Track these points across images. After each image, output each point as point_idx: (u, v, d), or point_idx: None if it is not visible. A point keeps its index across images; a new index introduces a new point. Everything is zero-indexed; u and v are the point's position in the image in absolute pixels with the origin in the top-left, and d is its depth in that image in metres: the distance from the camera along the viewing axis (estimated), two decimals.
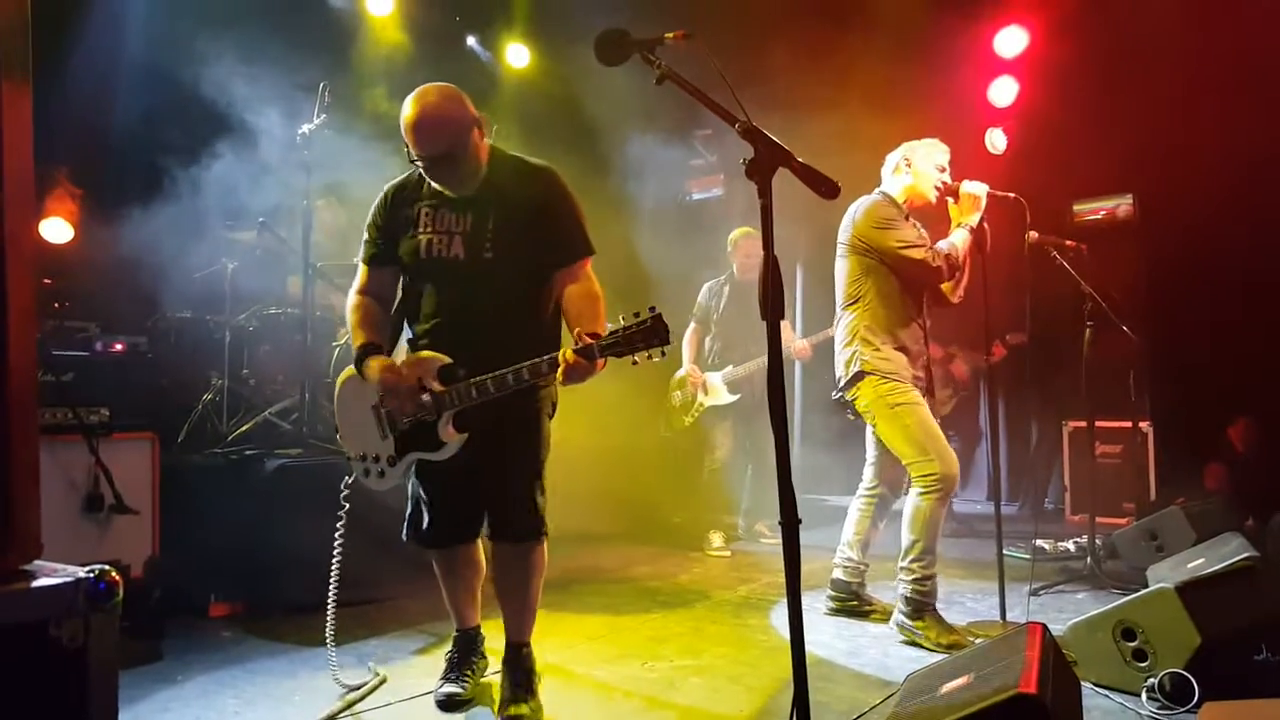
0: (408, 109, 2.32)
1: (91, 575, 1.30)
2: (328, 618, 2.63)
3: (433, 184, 2.41)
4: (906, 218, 3.37)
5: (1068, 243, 4.12)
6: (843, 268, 3.42)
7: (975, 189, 3.34)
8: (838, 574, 3.53)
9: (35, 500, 1.39)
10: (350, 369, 2.50)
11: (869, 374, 3.26)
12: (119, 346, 3.95)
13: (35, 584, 1.29)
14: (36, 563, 1.37)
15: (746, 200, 6.12)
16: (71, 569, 1.33)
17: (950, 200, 3.42)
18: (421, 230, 2.43)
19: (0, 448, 1.33)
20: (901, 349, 3.30)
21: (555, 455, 2.57)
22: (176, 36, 4.62)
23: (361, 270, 2.57)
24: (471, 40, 6.65)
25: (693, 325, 5.29)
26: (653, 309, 2.07)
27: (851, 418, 3.44)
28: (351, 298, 2.55)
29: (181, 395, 4.30)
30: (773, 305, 1.72)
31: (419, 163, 2.34)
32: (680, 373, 5.25)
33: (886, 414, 3.24)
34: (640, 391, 5.62)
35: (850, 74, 5.63)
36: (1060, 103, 5.95)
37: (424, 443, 2.39)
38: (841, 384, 3.37)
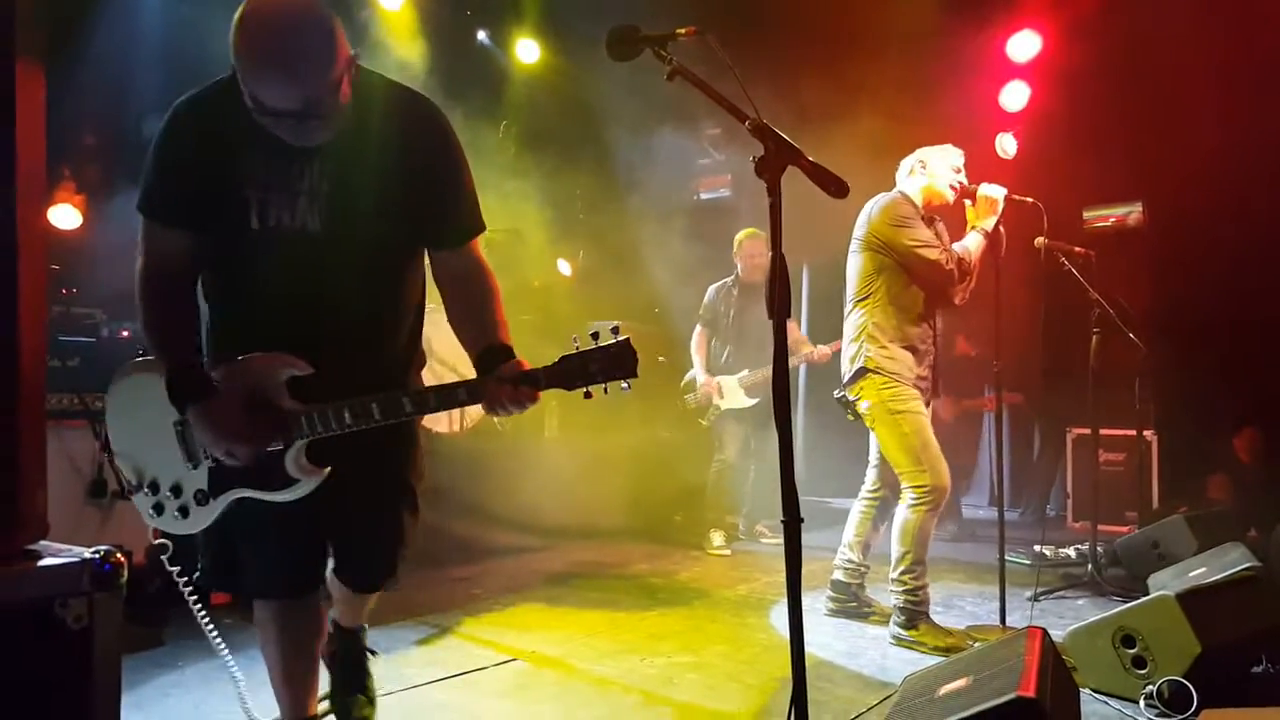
0: (258, 33, 1.56)
1: (97, 556, 1.32)
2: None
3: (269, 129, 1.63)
4: (924, 218, 3.37)
5: (1077, 249, 4.11)
6: (855, 264, 3.41)
7: (993, 192, 3.33)
8: (838, 575, 3.54)
9: (42, 482, 1.41)
10: (135, 364, 1.81)
11: (873, 372, 3.26)
12: (125, 333, 3.97)
13: (41, 563, 1.30)
14: (42, 543, 1.38)
15: (754, 200, 6.12)
16: (77, 549, 1.34)
17: (967, 202, 3.40)
18: (250, 187, 1.67)
19: (9, 430, 1.34)
20: (909, 348, 3.30)
21: (556, 452, 2.46)
22: (189, 24, 4.63)
23: (145, 227, 1.73)
24: (482, 35, 6.66)
25: (700, 328, 5.21)
26: (615, 329, 1.62)
27: (851, 418, 3.43)
28: (145, 278, 1.72)
29: None
30: (779, 304, 1.72)
31: (262, 114, 1.58)
32: (690, 376, 5.21)
33: (886, 419, 3.24)
34: (642, 390, 5.64)
35: (862, 78, 5.63)
36: (1072, 108, 5.94)
37: (258, 478, 1.71)
38: (845, 380, 3.37)
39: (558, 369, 1.62)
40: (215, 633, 2.11)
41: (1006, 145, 6.36)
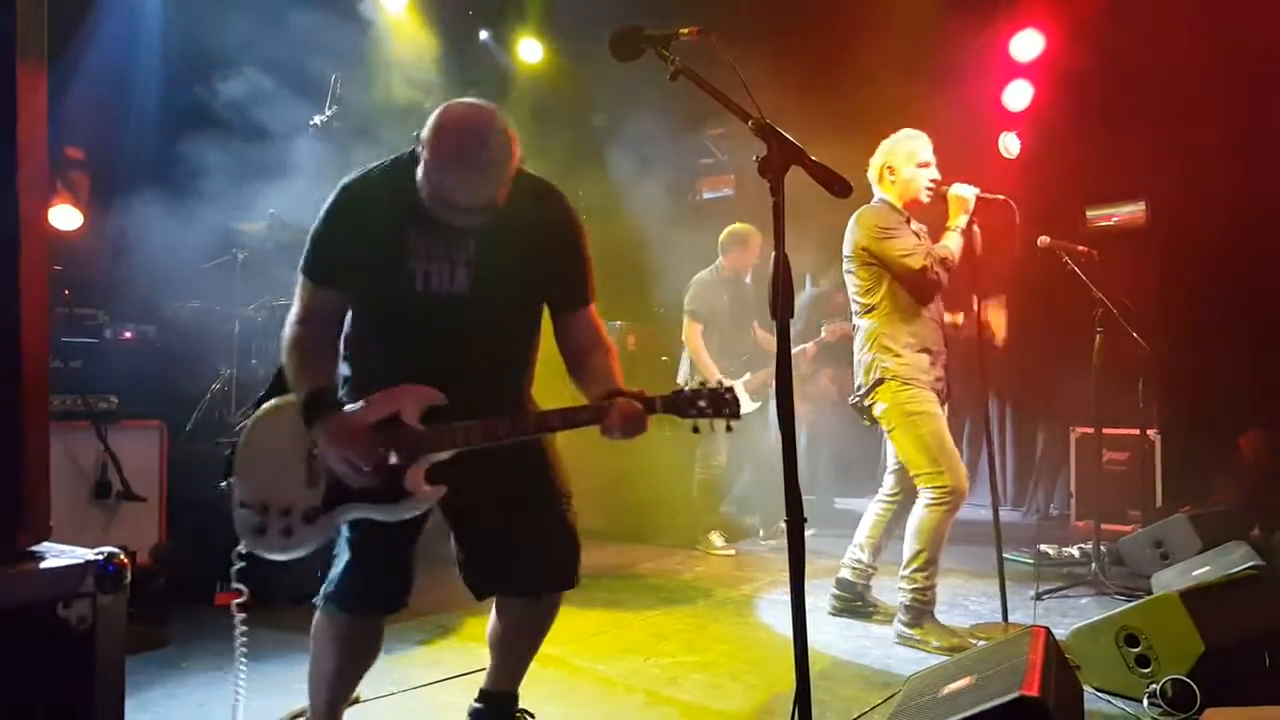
0: (455, 138, 1.81)
1: (100, 557, 1.31)
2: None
3: (427, 206, 1.88)
4: (907, 221, 3.38)
5: (1080, 248, 4.10)
6: (852, 280, 3.43)
7: (963, 192, 3.33)
8: (845, 574, 3.53)
9: (45, 483, 1.40)
10: (278, 401, 1.96)
11: (888, 380, 3.26)
12: (128, 335, 3.98)
13: (44, 565, 1.30)
14: (46, 544, 1.38)
15: (757, 200, 6.11)
16: (81, 551, 1.34)
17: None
18: (416, 259, 1.91)
19: (12, 431, 1.34)
20: (923, 350, 3.30)
21: (564, 454, 2.43)
22: (190, 26, 4.64)
23: (306, 287, 1.95)
24: (484, 35, 6.66)
25: (694, 324, 4.98)
26: (729, 389, 1.93)
27: (868, 424, 3.44)
28: (296, 325, 1.94)
29: (190, 384, 4.32)
30: (782, 305, 1.72)
31: (439, 202, 1.84)
32: (699, 379, 5.09)
33: (903, 422, 3.24)
34: (645, 388, 5.63)
35: (865, 77, 5.62)
36: (1075, 108, 5.92)
37: (374, 496, 1.84)
38: (862, 391, 3.36)
39: (670, 400, 1.91)
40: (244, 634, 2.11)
41: (1010, 145, 6.35)
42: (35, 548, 1.36)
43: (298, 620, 3.25)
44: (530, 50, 6.51)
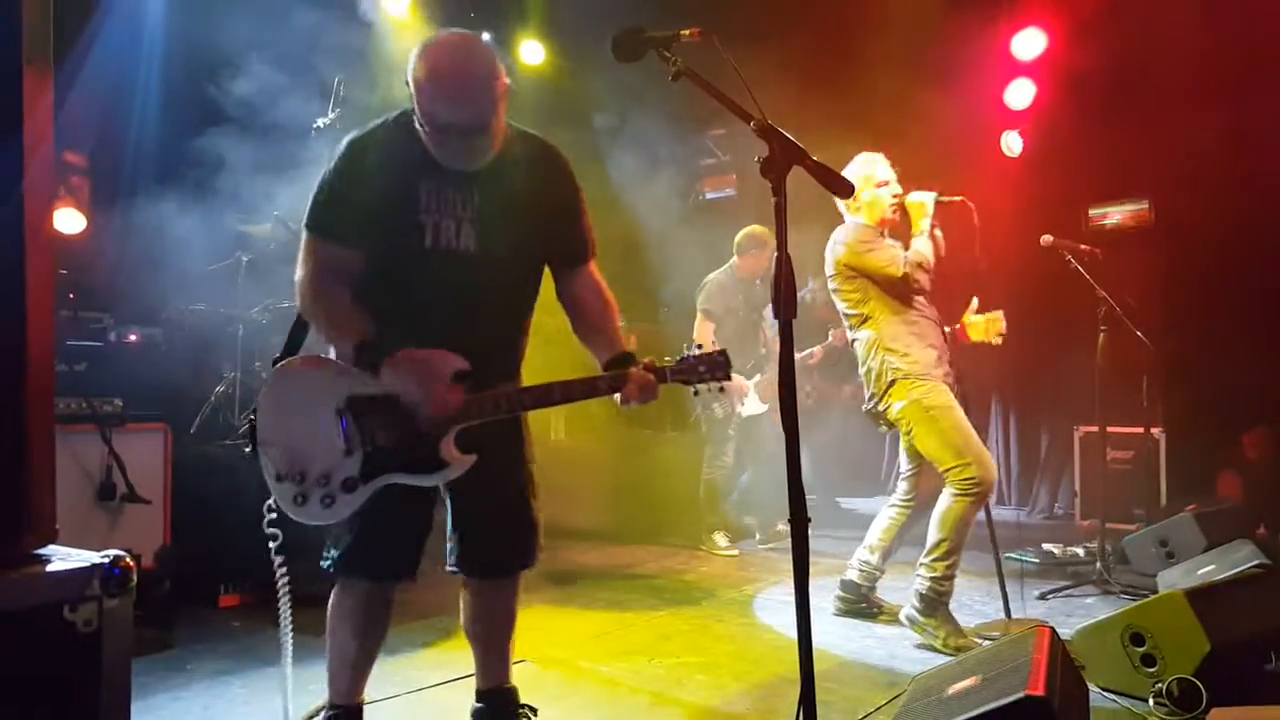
0: (435, 59, 1.86)
1: (106, 560, 1.32)
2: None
3: (439, 158, 1.93)
4: (882, 235, 3.45)
5: (1083, 247, 4.10)
6: (839, 297, 3.48)
7: (917, 198, 3.40)
8: (851, 575, 3.53)
9: (51, 486, 1.41)
10: (293, 363, 1.98)
11: (900, 379, 3.27)
12: (133, 337, 3.99)
13: (50, 568, 1.31)
14: (52, 547, 1.39)
15: (760, 200, 6.12)
16: (87, 554, 1.34)
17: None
18: (424, 211, 1.95)
19: (18, 434, 1.35)
20: (928, 347, 3.33)
21: (563, 454, 2.49)
22: (192, 29, 4.65)
23: (313, 243, 1.96)
24: (486, 36, 6.66)
25: (707, 323, 4.99)
26: (722, 350, 2.01)
27: (884, 429, 3.45)
28: (312, 280, 1.94)
29: (194, 386, 4.34)
30: (786, 304, 1.72)
31: (438, 131, 1.87)
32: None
33: (922, 418, 3.23)
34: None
35: (867, 75, 5.62)
36: (1077, 106, 5.92)
37: (412, 462, 1.90)
38: (875, 397, 3.37)
39: (679, 368, 1.98)
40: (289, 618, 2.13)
41: (1012, 143, 6.35)
42: (41, 551, 1.37)
43: (308, 619, 3.27)
44: (532, 52, 6.52)
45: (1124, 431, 5.22)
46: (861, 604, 3.50)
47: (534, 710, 2.30)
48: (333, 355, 2.00)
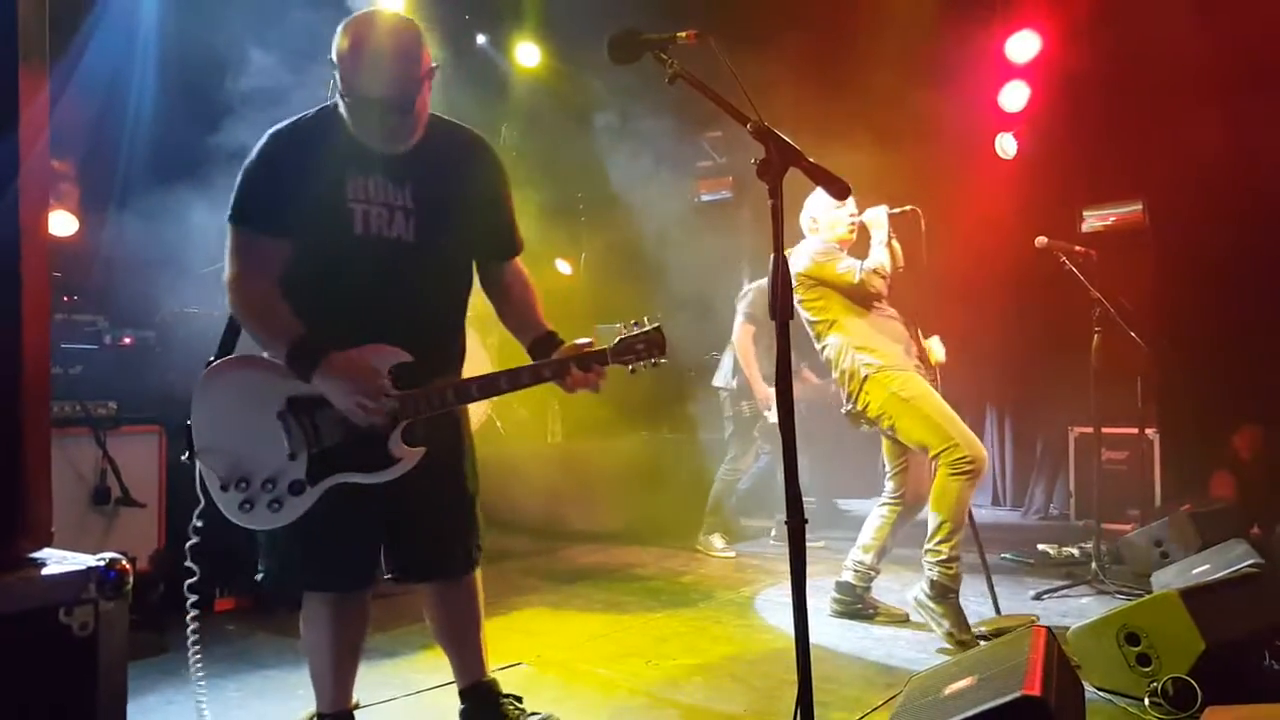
0: (359, 32, 1.86)
1: (102, 564, 1.31)
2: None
3: (356, 137, 1.91)
4: (841, 252, 3.55)
5: (1077, 248, 4.12)
6: (803, 309, 3.56)
7: (871, 214, 3.51)
8: (846, 577, 3.53)
9: (46, 489, 1.40)
10: (229, 358, 1.94)
11: (873, 374, 3.33)
12: (127, 340, 3.96)
13: (46, 571, 1.30)
14: (47, 551, 1.38)
15: (756, 202, 6.12)
16: (82, 557, 1.34)
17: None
18: (353, 199, 1.91)
19: (13, 438, 1.34)
20: (894, 341, 3.42)
21: (560, 457, 2.50)
22: (188, 29, 4.64)
23: (239, 236, 1.91)
24: (481, 39, 6.66)
25: (747, 325, 4.96)
26: (653, 321, 1.99)
27: (867, 429, 3.49)
28: (242, 279, 1.89)
29: (189, 389, 4.30)
30: (781, 305, 1.73)
31: (358, 104, 1.86)
32: (738, 381, 5.01)
33: (902, 408, 3.27)
34: (645, 392, 5.63)
35: (861, 78, 5.63)
36: (1071, 109, 5.94)
37: (361, 461, 1.85)
38: (851, 397, 3.41)
39: (618, 349, 1.95)
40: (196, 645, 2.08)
41: (1007, 145, 6.37)
42: (37, 554, 1.36)
43: (299, 626, 3.26)
44: (528, 54, 6.51)
45: (1119, 432, 5.24)
46: (858, 605, 3.51)
47: (519, 699, 2.28)
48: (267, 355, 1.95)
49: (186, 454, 1.87)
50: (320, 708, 2.11)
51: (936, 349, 3.70)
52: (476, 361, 2.57)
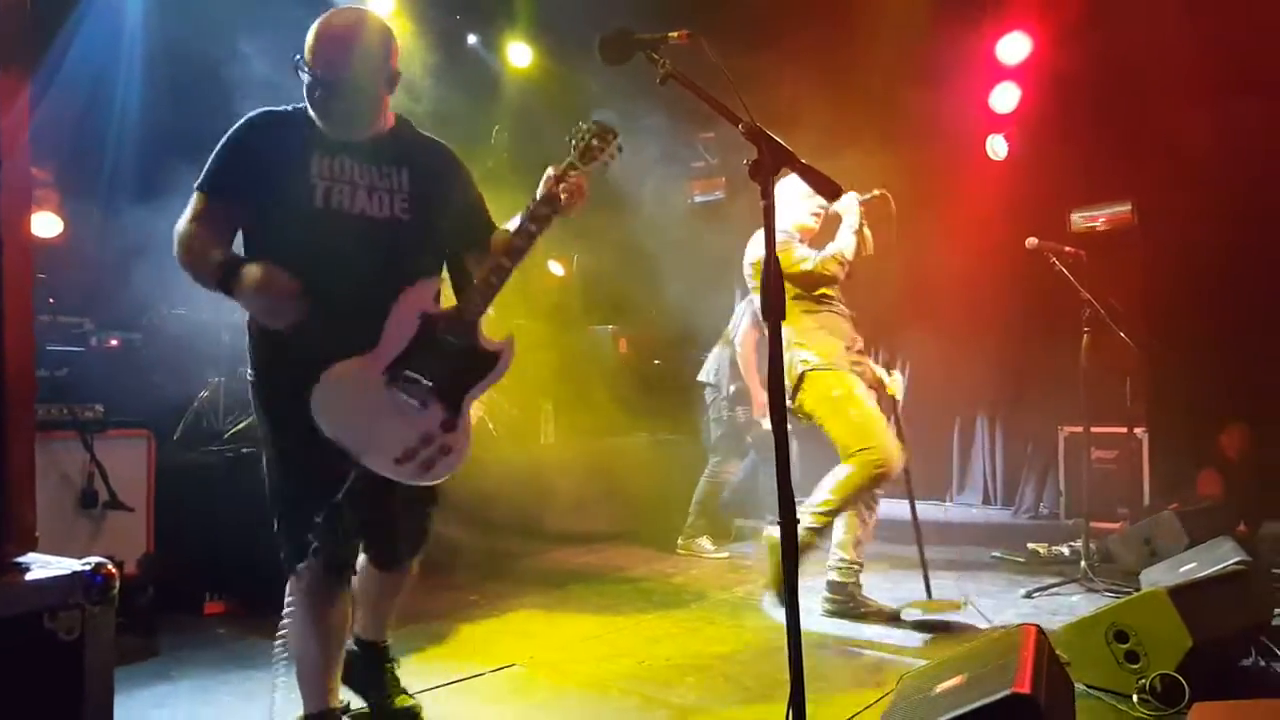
0: (328, 22, 2.05)
1: (88, 568, 1.30)
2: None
3: (321, 121, 2.06)
4: (800, 242, 3.57)
5: (1067, 249, 4.14)
6: (753, 297, 3.62)
7: (842, 204, 3.50)
8: (833, 576, 3.54)
9: (31, 494, 1.39)
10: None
11: (808, 372, 3.40)
12: (114, 342, 3.94)
13: (30, 576, 1.29)
14: (32, 555, 1.37)
15: (749, 203, 6.13)
16: (67, 562, 1.33)
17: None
18: (317, 176, 2.04)
19: None
20: (834, 337, 3.46)
21: (552, 458, 2.54)
22: (170, 30, 4.61)
23: (200, 199, 2.05)
24: (472, 39, 6.65)
25: (757, 332, 4.96)
26: (591, 133, 2.14)
27: (804, 423, 3.55)
28: (185, 226, 2.01)
29: (177, 392, 4.28)
30: (774, 305, 1.73)
31: (319, 86, 2.02)
32: (736, 386, 5.05)
33: (830, 408, 3.36)
34: (637, 393, 5.63)
35: (852, 79, 5.65)
36: (1062, 110, 5.97)
37: (475, 373, 2.05)
38: (789, 394, 3.47)
39: (581, 155, 2.12)
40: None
41: (998, 147, 6.40)
42: (21, 559, 1.35)
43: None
44: (520, 54, 6.50)
45: (1108, 431, 5.27)
46: (849, 603, 3.51)
47: (396, 661, 2.46)
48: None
49: (353, 462, 1.95)
50: (309, 708, 2.14)
51: (896, 383, 3.75)
52: None
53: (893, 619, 3.42)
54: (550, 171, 2.10)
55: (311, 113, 2.07)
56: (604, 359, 6.21)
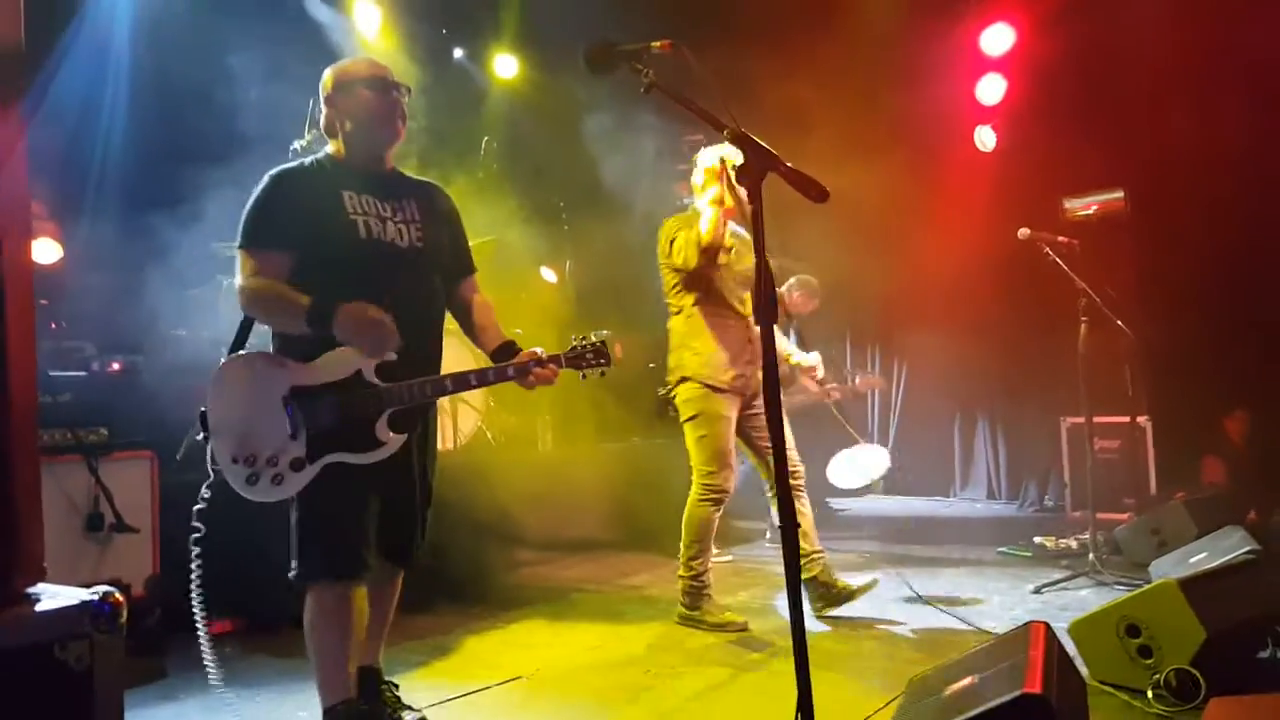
0: (363, 59, 2.44)
1: (96, 597, 1.31)
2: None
3: (344, 161, 2.32)
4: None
5: (1060, 239, 4.14)
6: (663, 280, 3.64)
7: (705, 158, 3.40)
8: (804, 574, 3.55)
9: (38, 524, 1.40)
10: (240, 354, 2.20)
11: (689, 379, 3.49)
12: (116, 366, 3.94)
13: (40, 607, 1.29)
14: (41, 585, 1.37)
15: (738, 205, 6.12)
16: (76, 591, 1.33)
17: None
18: (352, 211, 2.25)
19: (2, 472, 1.33)
20: (723, 348, 3.49)
21: (551, 466, 2.60)
22: (165, 53, 4.62)
23: (247, 255, 2.20)
24: (459, 53, 6.68)
25: None
26: (600, 337, 2.41)
27: (673, 415, 3.65)
28: (249, 282, 2.18)
29: (180, 413, 4.26)
30: (765, 308, 1.73)
31: (392, 88, 2.31)
32: None
33: (693, 421, 3.49)
34: (633, 398, 5.62)
35: (837, 74, 5.66)
36: (1049, 99, 5.99)
37: (352, 443, 2.14)
38: (667, 385, 3.60)
39: (571, 355, 2.38)
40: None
41: (985, 138, 6.42)
42: (31, 589, 1.35)
43: (296, 647, 3.23)
44: (505, 65, 6.53)
45: (1110, 421, 5.27)
46: (833, 592, 3.52)
47: (395, 685, 2.52)
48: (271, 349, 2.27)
49: (201, 435, 2.14)
50: (331, 701, 2.21)
51: (810, 359, 3.89)
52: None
53: (740, 630, 3.41)
54: (539, 350, 2.34)
55: (345, 146, 2.33)
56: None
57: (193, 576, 2.27)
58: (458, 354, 2.62)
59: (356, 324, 2.12)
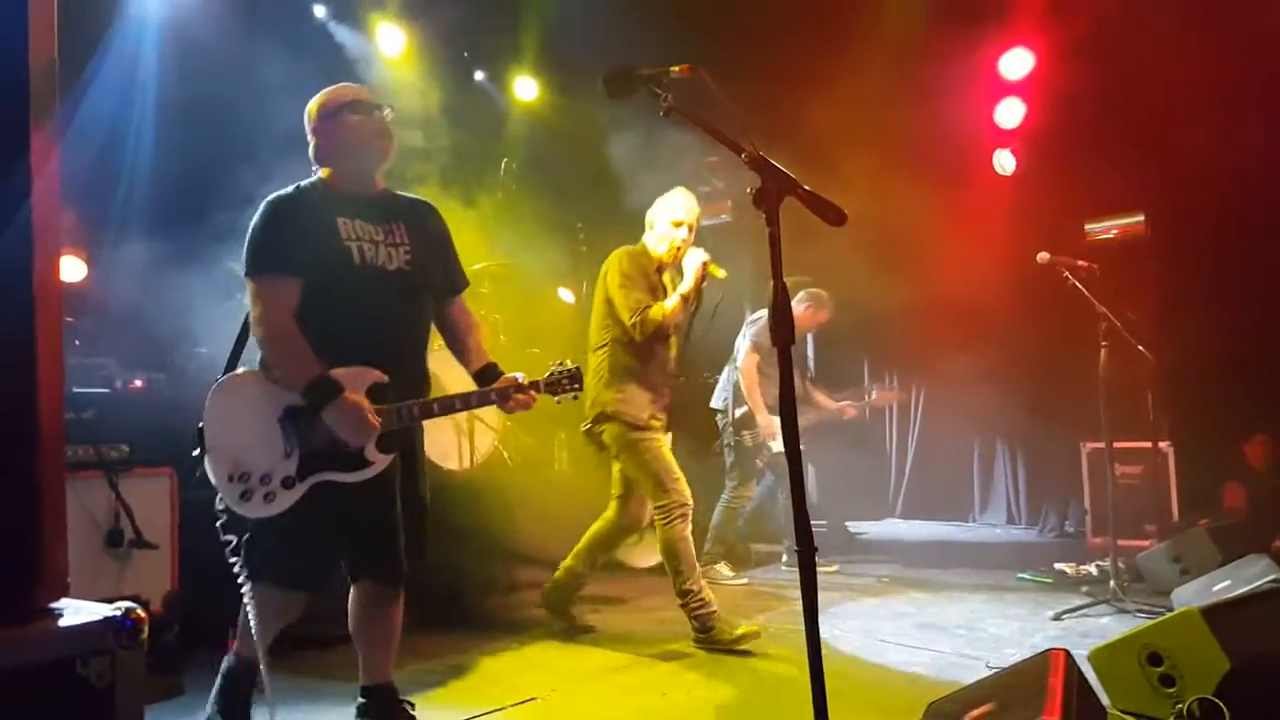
0: (342, 88, 2.45)
1: (118, 613, 1.32)
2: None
3: (337, 187, 2.37)
4: (659, 270, 3.65)
5: (1080, 262, 4.12)
6: (596, 310, 3.69)
7: (692, 258, 3.55)
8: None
9: (63, 539, 1.41)
10: (236, 376, 2.29)
11: (609, 417, 3.53)
12: (139, 383, 3.99)
13: (63, 622, 1.31)
14: (64, 601, 1.39)
15: (756, 225, 6.13)
16: (99, 607, 1.34)
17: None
18: (346, 238, 2.30)
19: (29, 489, 1.35)
20: (644, 388, 3.55)
21: (567, 485, 2.64)
22: (189, 74, 4.72)
23: (258, 284, 2.26)
24: (480, 75, 6.77)
25: (753, 354, 5.03)
26: (575, 363, 2.53)
27: (600, 450, 3.70)
28: (267, 318, 2.23)
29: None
30: (781, 331, 1.74)
31: (374, 109, 2.38)
32: (742, 410, 5.06)
33: (626, 451, 3.54)
34: None
35: (856, 98, 5.68)
36: (1068, 123, 5.98)
37: (341, 463, 2.20)
38: (589, 421, 3.63)
39: (550, 381, 2.50)
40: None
41: (1005, 162, 6.41)
42: (54, 605, 1.37)
43: (314, 664, 3.24)
44: (526, 88, 6.61)
45: (1132, 446, 5.21)
46: (710, 629, 3.46)
47: (412, 704, 2.51)
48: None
49: (198, 450, 2.19)
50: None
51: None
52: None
53: (755, 638, 3.43)
54: (519, 376, 2.44)
55: (334, 172, 2.38)
56: None
57: (241, 588, 2.29)
58: (459, 372, 2.63)
59: (348, 418, 2.17)
